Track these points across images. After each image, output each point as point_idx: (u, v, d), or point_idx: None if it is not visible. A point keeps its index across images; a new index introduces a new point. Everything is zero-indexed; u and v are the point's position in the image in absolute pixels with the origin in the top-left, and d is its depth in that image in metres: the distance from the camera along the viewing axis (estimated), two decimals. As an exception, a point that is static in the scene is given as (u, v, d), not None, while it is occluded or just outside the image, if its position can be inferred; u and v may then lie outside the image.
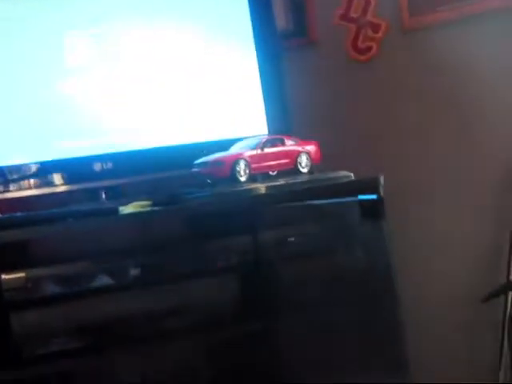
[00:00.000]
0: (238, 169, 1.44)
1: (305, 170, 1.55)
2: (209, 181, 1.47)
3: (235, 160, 1.44)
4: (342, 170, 1.52)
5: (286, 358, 1.52)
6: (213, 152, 1.50)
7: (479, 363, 2.00)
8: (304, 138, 1.60)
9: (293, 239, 1.47)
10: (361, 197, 1.02)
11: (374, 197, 0.98)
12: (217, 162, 1.45)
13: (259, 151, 1.49)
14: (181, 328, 1.43)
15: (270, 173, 1.55)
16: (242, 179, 1.44)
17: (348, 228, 1.24)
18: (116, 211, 1.34)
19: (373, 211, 0.97)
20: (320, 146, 1.60)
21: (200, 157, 1.50)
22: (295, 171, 1.54)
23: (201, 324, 1.44)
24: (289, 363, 1.52)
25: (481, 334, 1.99)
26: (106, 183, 1.63)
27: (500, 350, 1.86)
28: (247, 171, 1.45)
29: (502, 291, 1.62)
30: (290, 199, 1.41)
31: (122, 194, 1.63)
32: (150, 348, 1.41)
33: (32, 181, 1.60)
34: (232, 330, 1.45)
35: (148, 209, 1.38)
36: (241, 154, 1.46)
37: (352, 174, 1.51)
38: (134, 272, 1.41)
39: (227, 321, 1.46)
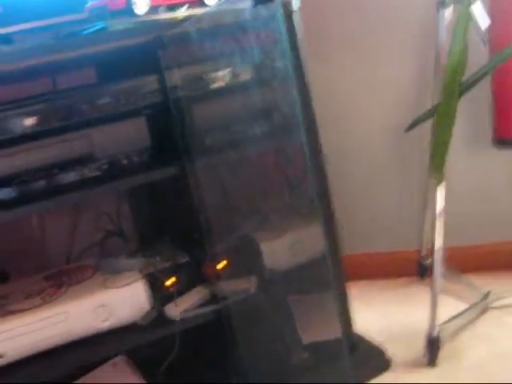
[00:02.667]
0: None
1: (211, 2, 1.41)
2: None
3: (131, -11, 1.29)
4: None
5: (204, 202, 1.45)
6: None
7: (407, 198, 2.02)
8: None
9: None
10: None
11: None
12: (110, -8, 1.30)
13: (159, -20, 1.34)
14: (93, 176, 1.33)
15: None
16: (141, 11, 1.30)
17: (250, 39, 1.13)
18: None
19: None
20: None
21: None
22: (200, 3, 1.41)
23: (113, 171, 1.34)
24: (206, 205, 1.46)
25: (408, 165, 1.99)
26: (-7, 32, 1.46)
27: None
28: (147, 2, 1.31)
29: (427, 117, 1.57)
30: (197, 29, 1.28)
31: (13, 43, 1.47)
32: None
33: None
34: (146, 176, 1.36)
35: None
36: (138, -17, 1.31)
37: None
38: (31, 121, 1.29)
39: (141, 166, 1.36)
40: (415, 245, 2.01)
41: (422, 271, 2.00)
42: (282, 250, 1.55)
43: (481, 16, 1.44)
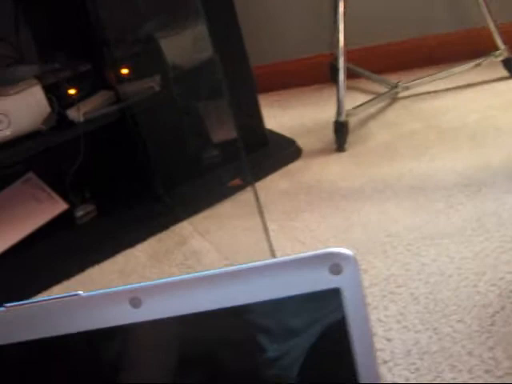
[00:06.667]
0: None
1: None
2: None
3: None
4: None
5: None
6: None
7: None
8: None
9: None
10: None
11: None
12: None
13: None
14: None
15: None
16: None
17: None
18: None
19: None
20: None
21: None
22: None
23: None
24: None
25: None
26: None
27: None
28: None
29: None
30: None
31: None
32: None
33: None
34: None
35: None
36: None
37: None
38: None
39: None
40: (328, 48, 1.99)
41: (334, 75, 1.99)
42: (184, 46, 1.50)
43: None
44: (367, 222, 1.23)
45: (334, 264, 0.41)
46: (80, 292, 0.42)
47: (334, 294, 0.41)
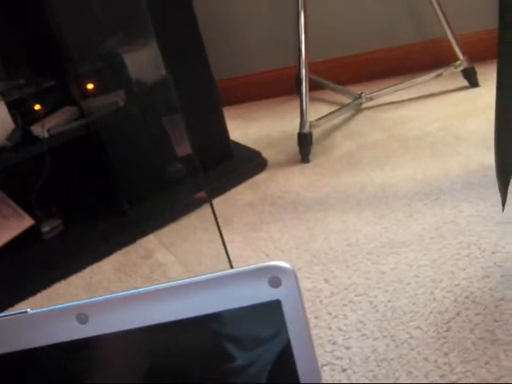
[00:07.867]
0: None
1: None
2: None
3: None
4: None
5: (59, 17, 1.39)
6: None
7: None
8: None
9: None
10: None
11: None
12: None
13: None
14: None
15: None
16: None
17: None
18: None
19: None
20: None
21: None
22: None
23: None
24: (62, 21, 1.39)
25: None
26: None
27: None
28: None
29: None
30: None
31: None
32: None
33: None
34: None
35: None
36: None
37: None
38: None
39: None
40: (293, 61, 2.02)
41: (299, 87, 2.01)
42: (147, 61, 1.52)
43: None
44: (329, 232, 1.25)
45: (273, 277, 0.43)
46: (28, 309, 0.43)
47: (274, 306, 0.43)
